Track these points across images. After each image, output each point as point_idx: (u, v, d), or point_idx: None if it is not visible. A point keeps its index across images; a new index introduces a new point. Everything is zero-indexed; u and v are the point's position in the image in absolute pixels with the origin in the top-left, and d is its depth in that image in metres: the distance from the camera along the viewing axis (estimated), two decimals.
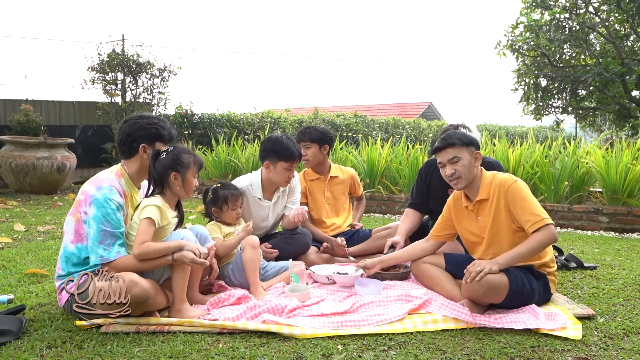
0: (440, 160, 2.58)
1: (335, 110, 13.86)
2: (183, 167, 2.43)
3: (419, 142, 11.45)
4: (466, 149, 2.53)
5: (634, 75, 8.58)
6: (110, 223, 2.24)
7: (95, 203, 2.25)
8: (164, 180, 2.42)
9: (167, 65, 9.12)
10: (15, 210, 5.78)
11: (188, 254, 2.26)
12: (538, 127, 18.91)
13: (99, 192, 2.28)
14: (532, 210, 2.39)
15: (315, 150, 3.52)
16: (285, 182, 3.17)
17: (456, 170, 2.51)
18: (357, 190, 3.83)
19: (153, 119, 2.47)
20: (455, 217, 2.71)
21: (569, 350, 2.00)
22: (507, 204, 2.46)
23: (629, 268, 3.31)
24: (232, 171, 7.53)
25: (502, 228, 2.49)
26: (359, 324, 2.21)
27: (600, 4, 9.17)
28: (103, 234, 2.23)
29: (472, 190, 2.58)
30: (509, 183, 2.47)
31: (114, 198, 2.28)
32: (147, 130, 2.42)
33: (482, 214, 2.56)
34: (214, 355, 1.94)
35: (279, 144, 3.11)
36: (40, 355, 1.95)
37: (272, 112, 10.56)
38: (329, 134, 3.59)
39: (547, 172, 5.19)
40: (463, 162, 2.51)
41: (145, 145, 2.42)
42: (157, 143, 2.44)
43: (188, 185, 2.46)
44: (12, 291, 2.73)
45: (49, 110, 9.02)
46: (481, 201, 2.55)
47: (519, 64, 10.42)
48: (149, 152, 2.43)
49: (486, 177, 2.56)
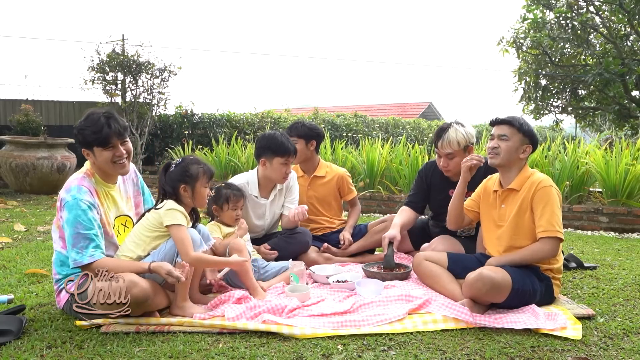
0: (493, 132, 2.61)
1: (335, 110, 13.86)
2: (192, 178, 2.43)
3: (419, 142, 11.44)
4: (519, 136, 2.54)
5: (634, 75, 8.57)
6: (82, 224, 2.22)
7: (67, 206, 2.25)
8: (176, 193, 2.43)
9: (167, 65, 9.11)
10: (15, 210, 5.78)
11: (166, 265, 2.22)
12: (538, 127, 18.90)
13: (68, 195, 2.27)
14: (550, 219, 2.40)
15: (302, 147, 3.44)
16: (283, 177, 3.16)
17: (499, 146, 2.54)
18: (347, 194, 3.62)
19: (87, 123, 2.34)
20: (483, 196, 2.73)
21: (569, 350, 2.00)
22: (532, 202, 2.47)
23: (629, 268, 3.31)
24: (233, 171, 7.53)
25: (524, 224, 2.49)
26: (359, 324, 2.21)
27: (601, 4, 9.16)
28: (75, 237, 2.21)
29: (507, 176, 2.59)
30: (543, 184, 2.47)
31: (83, 197, 2.26)
32: (80, 136, 2.35)
33: (507, 203, 2.57)
34: (214, 355, 1.94)
35: (273, 140, 3.12)
36: (40, 355, 1.95)
37: (272, 112, 10.56)
38: (316, 129, 3.50)
39: (546, 172, 5.19)
40: (509, 144, 2.53)
41: (85, 150, 2.37)
42: (95, 148, 2.34)
43: (198, 196, 2.46)
44: (12, 291, 2.73)
45: (49, 110, 9.03)
46: (511, 190, 2.56)
47: (520, 61, 10.41)
48: (91, 157, 2.37)
49: (526, 171, 2.58)
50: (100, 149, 2.34)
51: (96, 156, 2.35)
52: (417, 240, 3.36)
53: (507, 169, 2.58)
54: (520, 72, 10.31)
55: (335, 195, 3.60)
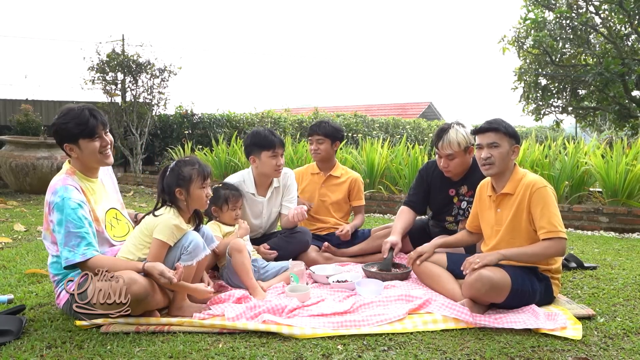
0: (479, 142, 2.57)
1: (335, 110, 13.87)
2: (185, 181, 2.37)
3: (419, 142, 11.44)
4: (507, 139, 2.53)
5: (634, 75, 8.57)
6: (72, 223, 2.21)
7: (56, 207, 2.24)
8: (172, 200, 2.39)
9: (167, 65, 9.11)
10: (15, 210, 5.78)
11: (159, 265, 2.22)
12: (538, 127, 18.90)
13: (56, 196, 2.27)
14: (551, 220, 2.39)
15: (327, 146, 3.51)
16: (275, 170, 3.17)
17: (492, 155, 2.52)
18: (356, 199, 3.60)
19: (68, 117, 2.34)
20: (479, 203, 2.73)
21: (569, 350, 2.00)
22: (529, 205, 2.46)
23: (629, 268, 3.31)
24: (232, 171, 7.51)
25: (521, 227, 2.49)
26: (359, 324, 2.21)
27: (601, 3, 9.16)
28: (67, 236, 2.21)
29: (499, 181, 2.58)
30: (538, 186, 2.46)
31: (72, 196, 2.26)
32: (63, 131, 2.34)
33: (503, 208, 2.57)
34: (214, 355, 1.94)
35: (257, 135, 3.16)
36: (40, 355, 1.95)
37: (272, 112, 10.56)
38: (341, 131, 3.60)
39: (547, 172, 5.19)
40: (501, 150, 2.52)
41: (69, 145, 2.36)
42: (80, 141, 2.34)
43: (195, 198, 2.39)
44: (12, 291, 2.73)
45: (49, 110, 9.02)
46: (505, 195, 2.55)
47: (521, 60, 10.41)
48: (76, 150, 2.36)
49: (517, 173, 2.56)
50: (87, 141, 2.34)
51: (82, 149, 2.36)
52: (417, 240, 3.36)
53: (503, 174, 2.57)
54: (521, 72, 10.31)
55: (346, 197, 3.61)
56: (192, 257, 2.34)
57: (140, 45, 9.04)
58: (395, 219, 3.35)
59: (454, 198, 3.23)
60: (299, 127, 10.54)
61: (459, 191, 3.21)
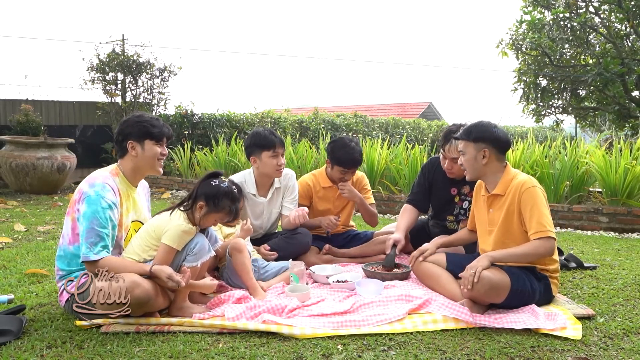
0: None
1: (335, 110, 13.86)
2: (216, 207, 2.40)
3: (419, 142, 11.44)
4: (472, 145, 2.55)
5: (634, 75, 8.58)
6: (98, 221, 2.22)
7: (87, 200, 2.25)
8: (192, 206, 2.40)
9: (168, 65, 9.10)
10: (16, 210, 5.78)
11: (167, 269, 2.22)
12: (538, 127, 18.89)
13: (91, 190, 2.28)
14: (540, 220, 2.39)
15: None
16: (276, 170, 3.17)
17: (462, 162, 2.62)
18: (361, 192, 3.47)
19: (145, 117, 2.44)
20: (475, 202, 2.76)
21: (569, 350, 2.00)
22: (519, 206, 2.47)
23: (629, 268, 3.31)
24: (232, 171, 7.52)
25: (513, 227, 2.49)
26: (359, 324, 2.21)
27: (600, 4, 9.17)
28: (89, 231, 2.21)
29: (490, 182, 2.61)
30: (527, 186, 2.47)
31: (106, 195, 2.27)
32: (135, 127, 2.40)
33: (494, 208, 2.58)
34: (214, 355, 1.94)
35: (257, 136, 3.17)
36: (40, 355, 1.95)
37: (272, 112, 10.54)
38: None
39: (547, 172, 5.19)
40: (467, 157, 2.58)
41: (133, 142, 2.41)
42: (147, 141, 2.42)
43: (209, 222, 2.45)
44: (12, 291, 2.73)
45: (49, 110, 9.01)
46: (496, 195, 2.57)
47: (520, 62, 10.41)
48: (137, 149, 2.41)
49: (508, 174, 2.57)
50: (153, 143, 2.42)
51: (145, 149, 2.41)
52: (417, 240, 3.36)
53: (487, 177, 2.60)
54: (520, 73, 10.32)
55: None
56: (196, 258, 2.36)
57: (140, 45, 9.03)
58: (398, 217, 3.35)
59: (456, 197, 3.23)
60: (299, 127, 10.54)
61: (460, 190, 3.21)
